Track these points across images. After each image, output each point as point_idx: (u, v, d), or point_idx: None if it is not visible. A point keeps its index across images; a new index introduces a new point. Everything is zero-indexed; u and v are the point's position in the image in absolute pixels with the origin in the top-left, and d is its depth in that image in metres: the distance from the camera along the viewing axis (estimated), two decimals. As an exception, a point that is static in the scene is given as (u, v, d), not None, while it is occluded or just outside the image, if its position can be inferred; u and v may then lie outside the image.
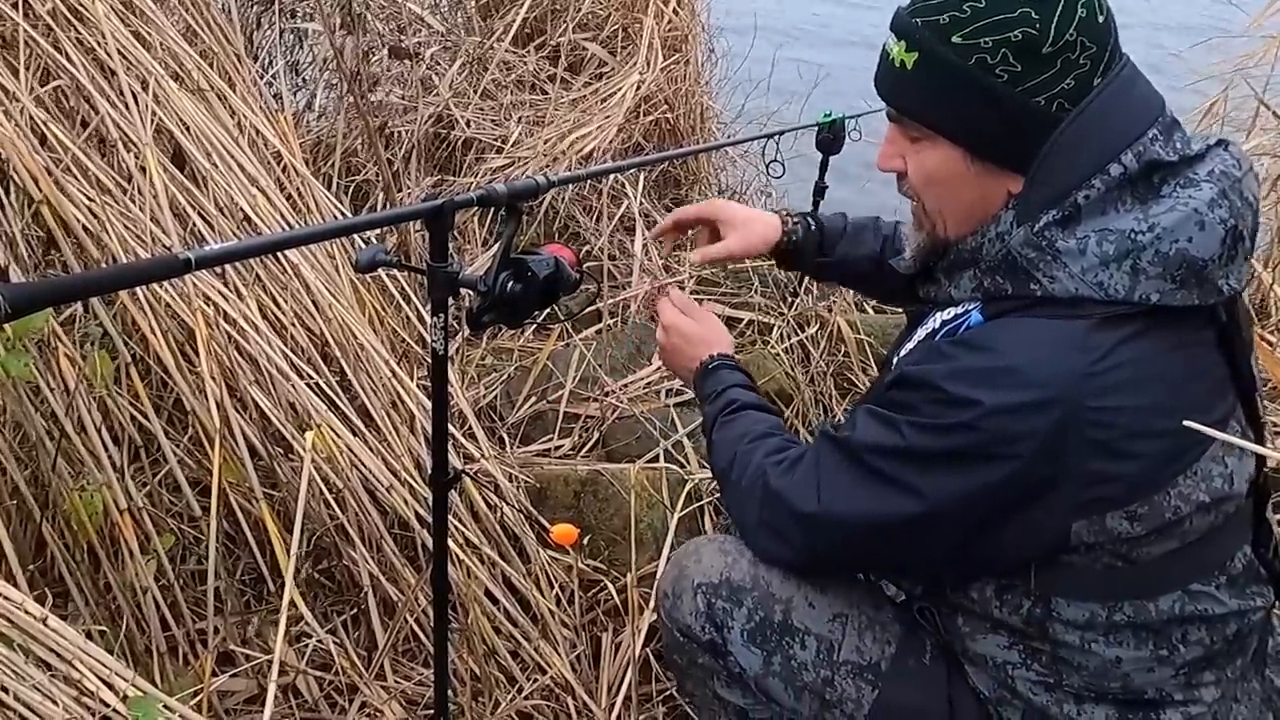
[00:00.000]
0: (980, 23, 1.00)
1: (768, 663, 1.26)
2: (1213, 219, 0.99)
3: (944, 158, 1.08)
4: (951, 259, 1.14)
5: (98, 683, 1.20)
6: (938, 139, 1.08)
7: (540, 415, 2.36)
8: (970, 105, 1.03)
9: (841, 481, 1.13)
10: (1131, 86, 1.05)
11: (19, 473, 1.57)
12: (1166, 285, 0.99)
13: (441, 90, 3.35)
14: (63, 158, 1.68)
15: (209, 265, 0.97)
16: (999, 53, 1.00)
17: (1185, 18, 6.36)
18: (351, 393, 1.85)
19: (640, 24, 3.52)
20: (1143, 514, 1.02)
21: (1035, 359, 0.99)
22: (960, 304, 1.13)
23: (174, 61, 1.90)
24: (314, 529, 1.79)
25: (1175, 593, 1.08)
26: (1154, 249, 0.98)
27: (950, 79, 1.03)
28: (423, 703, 1.72)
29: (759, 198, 3.82)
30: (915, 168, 1.12)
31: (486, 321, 1.25)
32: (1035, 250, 1.03)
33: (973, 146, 1.07)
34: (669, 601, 1.35)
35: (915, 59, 1.05)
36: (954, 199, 1.11)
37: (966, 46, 1.01)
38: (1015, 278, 1.05)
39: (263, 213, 1.87)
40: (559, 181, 1.35)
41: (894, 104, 1.12)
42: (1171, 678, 1.10)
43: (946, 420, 1.03)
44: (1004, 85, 1.01)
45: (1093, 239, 1.00)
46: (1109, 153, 1.01)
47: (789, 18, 6.35)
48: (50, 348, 1.58)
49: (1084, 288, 1.00)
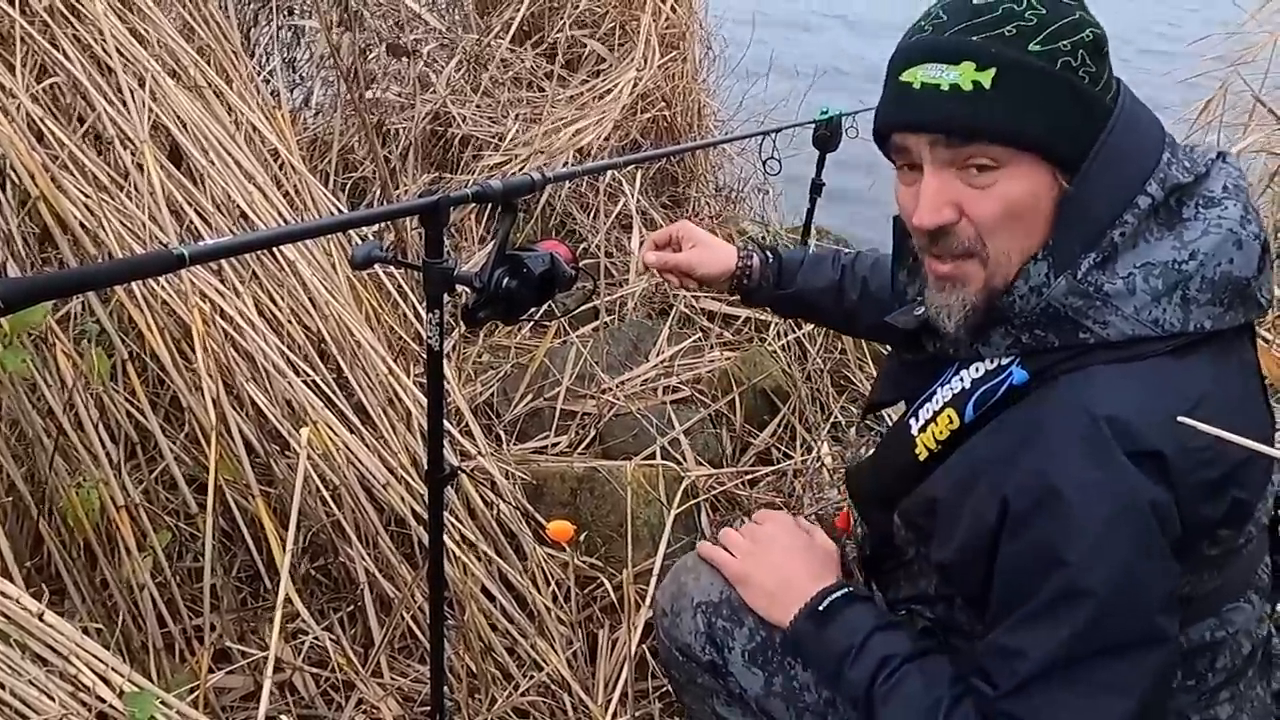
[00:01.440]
0: (1050, 28, 0.97)
1: (769, 684, 1.25)
2: (1247, 236, 0.99)
3: (1030, 180, 0.99)
4: (973, 320, 1.05)
5: (94, 678, 1.20)
6: (1021, 161, 0.98)
7: (537, 412, 2.36)
8: (1065, 110, 0.98)
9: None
10: (1137, 111, 1.03)
11: (16, 469, 1.57)
12: (1217, 310, 0.98)
13: (438, 87, 3.35)
14: (59, 154, 1.68)
15: (203, 261, 0.97)
16: (1078, 54, 0.97)
17: (1181, 16, 6.36)
18: (348, 389, 1.85)
19: (638, 20, 3.51)
20: (1224, 537, 1.00)
21: (1137, 416, 0.94)
22: (988, 358, 1.06)
23: (171, 58, 1.90)
24: (310, 526, 1.79)
25: (1211, 619, 1.06)
26: (1200, 276, 0.97)
27: (1042, 86, 0.97)
28: (419, 699, 1.72)
29: (756, 194, 3.82)
30: (989, 206, 0.99)
31: (482, 318, 1.25)
32: (1082, 298, 0.98)
33: (1065, 155, 0.99)
34: (667, 620, 1.34)
35: (994, 75, 0.96)
36: (1030, 230, 1.00)
37: (1048, 52, 0.97)
38: (1060, 329, 1.00)
39: (259, 209, 1.87)
40: (555, 178, 1.34)
41: (972, 129, 0.98)
42: (1194, 702, 1.08)
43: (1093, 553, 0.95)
44: (1088, 85, 0.98)
45: (1138, 276, 0.97)
46: (1134, 185, 0.99)
47: (787, 12, 6.35)
48: (48, 344, 1.58)
49: (1140, 328, 0.97)
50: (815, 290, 1.55)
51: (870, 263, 1.55)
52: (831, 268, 1.55)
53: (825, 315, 1.62)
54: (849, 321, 1.58)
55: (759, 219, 3.67)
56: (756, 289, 1.57)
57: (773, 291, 1.57)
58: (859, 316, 1.53)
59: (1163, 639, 0.97)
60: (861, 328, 1.60)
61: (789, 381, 2.55)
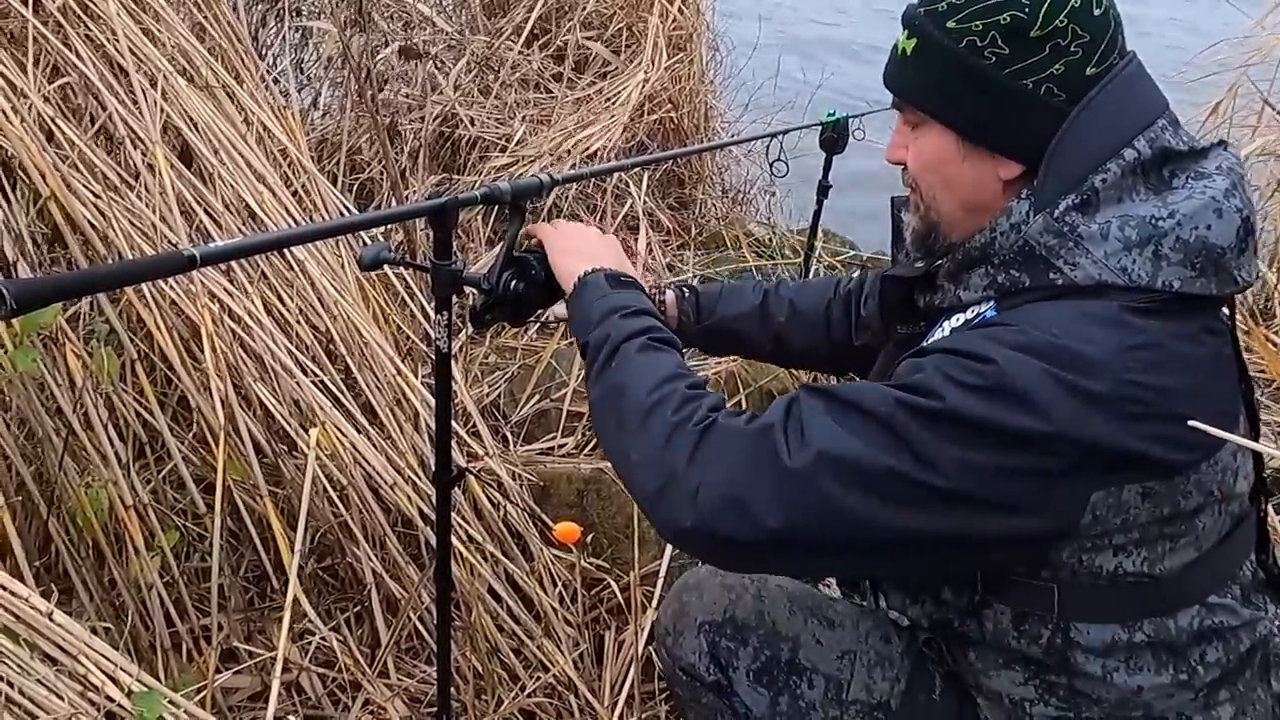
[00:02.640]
0: (973, 8, 1.03)
1: (774, 703, 1.24)
2: (1229, 208, 1.00)
3: (937, 142, 1.10)
4: (959, 259, 1.11)
5: (103, 678, 1.21)
6: (932, 123, 1.09)
7: (544, 414, 2.36)
8: (959, 87, 1.05)
9: (839, 430, 0.96)
10: (1137, 82, 1.06)
11: (25, 468, 1.58)
12: (1187, 272, 0.98)
13: (446, 89, 3.36)
14: (69, 154, 1.68)
15: (214, 262, 0.97)
16: (988, 35, 1.02)
17: (1195, 20, 6.35)
18: (356, 390, 1.86)
19: (645, 22, 3.52)
20: (1158, 493, 1.00)
21: (1074, 332, 0.96)
22: (970, 307, 1.11)
23: (183, 58, 1.91)
24: (318, 526, 1.79)
25: (1194, 608, 1.06)
26: (1175, 235, 0.98)
27: (942, 62, 1.05)
28: (425, 700, 1.72)
29: (763, 197, 3.82)
30: (913, 154, 1.13)
31: (489, 319, 1.25)
32: (1056, 237, 1.01)
33: (963, 129, 1.08)
34: (670, 639, 1.33)
35: (914, 45, 1.08)
36: (946, 184, 1.11)
37: (959, 30, 1.03)
38: (1033, 269, 1.03)
39: (269, 209, 1.87)
40: (562, 180, 1.34)
41: (894, 90, 1.13)
42: (1191, 701, 1.08)
43: (986, 382, 0.94)
44: (992, 67, 1.02)
45: (1114, 224, 1.00)
46: (1122, 139, 1.02)
47: (795, 15, 6.35)
48: (58, 344, 1.58)
49: (1107, 273, 0.98)
50: (735, 317, 1.49)
51: (795, 286, 1.53)
52: (752, 293, 1.50)
53: (751, 343, 1.54)
54: (778, 345, 1.51)
55: (765, 221, 3.67)
56: (679, 328, 1.47)
57: (693, 327, 1.49)
58: (789, 339, 1.49)
59: (951, 508, 0.94)
60: (794, 351, 1.54)
61: (795, 384, 2.55)
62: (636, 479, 1.03)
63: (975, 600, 1.11)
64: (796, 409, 0.99)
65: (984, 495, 0.95)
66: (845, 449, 0.94)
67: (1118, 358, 0.94)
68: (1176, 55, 3.41)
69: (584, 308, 1.17)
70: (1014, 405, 0.93)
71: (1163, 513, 1.01)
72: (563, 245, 1.24)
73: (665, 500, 0.99)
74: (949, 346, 0.99)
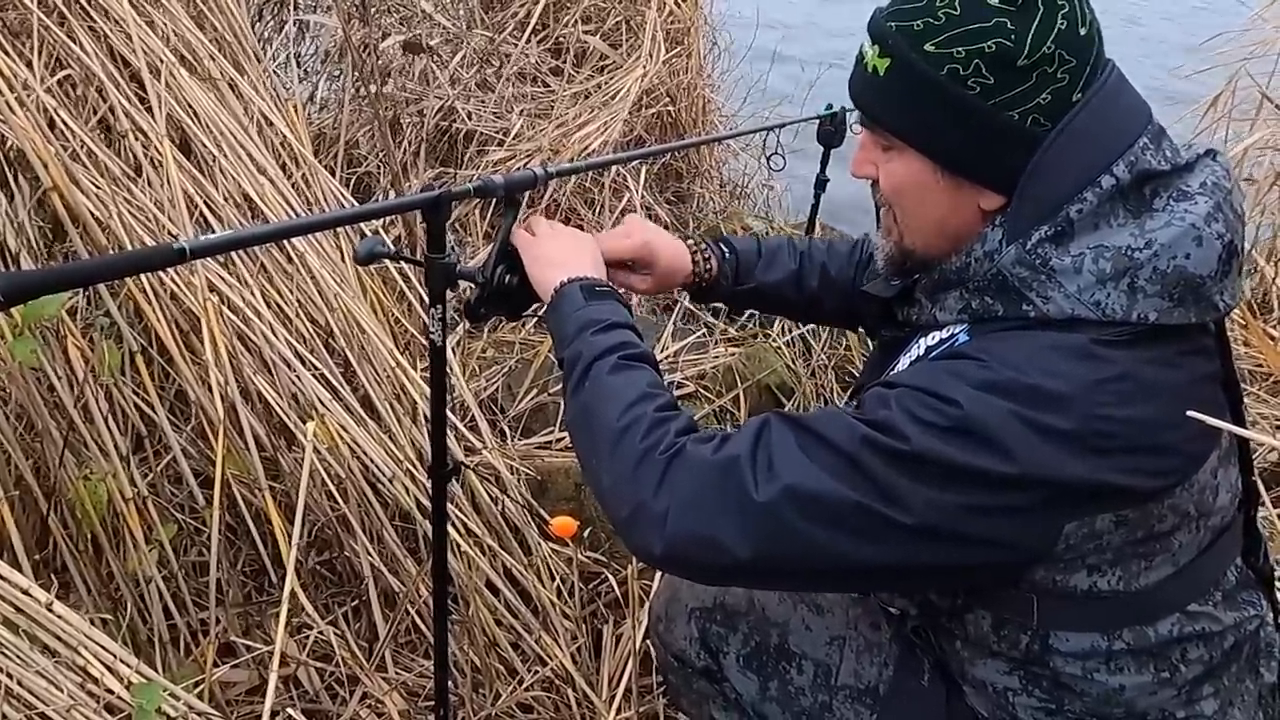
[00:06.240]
0: (954, 31, 0.96)
1: (764, 688, 1.25)
2: (1210, 234, 0.96)
3: (913, 169, 1.04)
4: (935, 279, 1.09)
5: (102, 669, 1.21)
6: (907, 149, 1.04)
7: (541, 408, 2.36)
8: (940, 117, 0.99)
9: (806, 462, 0.96)
10: (1117, 97, 1.01)
11: (24, 461, 1.58)
12: (1164, 304, 0.96)
13: (444, 83, 3.35)
14: (72, 145, 1.68)
15: (204, 255, 0.97)
16: (971, 64, 0.96)
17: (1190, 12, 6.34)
18: (355, 383, 1.86)
19: (643, 16, 3.51)
20: (1131, 519, 0.99)
21: (1042, 366, 0.94)
22: (945, 326, 1.08)
23: (187, 49, 1.90)
24: (316, 520, 1.79)
25: (1174, 615, 1.06)
26: (1151, 266, 0.95)
27: (921, 89, 0.99)
28: (424, 694, 1.73)
29: (761, 190, 3.82)
30: (885, 177, 1.08)
31: (484, 313, 1.25)
32: (1028, 269, 0.98)
33: (942, 159, 1.02)
34: (661, 625, 1.35)
35: (888, 65, 1.01)
36: (922, 211, 1.07)
37: (939, 56, 0.97)
38: (1006, 298, 1.00)
39: (269, 200, 1.87)
40: (557, 173, 1.34)
41: (865, 111, 1.08)
42: (1173, 697, 1.08)
43: (951, 423, 0.94)
44: (975, 98, 0.97)
45: (1088, 256, 0.96)
46: (1099, 165, 0.98)
47: (793, 9, 6.34)
48: (58, 336, 1.59)
49: (1080, 308, 0.96)
50: (775, 284, 1.48)
51: (825, 248, 1.51)
52: (789, 257, 1.49)
53: (785, 306, 1.54)
54: (811, 308, 1.52)
55: (763, 215, 3.67)
56: (713, 288, 1.47)
57: (730, 289, 1.47)
58: (822, 302, 1.49)
59: (920, 543, 0.94)
60: (826, 312, 1.54)
61: (793, 378, 2.55)
62: (609, 504, 1.04)
63: (958, 604, 1.13)
64: (766, 437, 0.99)
65: (952, 531, 0.95)
66: (812, 484, 0.94)
67: (1086, 393, 0.93)
68: (1173, 52, 3.40)
69: (559, 322, 1.16)
70: (979, 447, 0.92)
71: (1136, 535, 1.01)
72: (536, 253, 1.22)
73: (635, 528, 0.99)
74: (915, 384, 0.98)
